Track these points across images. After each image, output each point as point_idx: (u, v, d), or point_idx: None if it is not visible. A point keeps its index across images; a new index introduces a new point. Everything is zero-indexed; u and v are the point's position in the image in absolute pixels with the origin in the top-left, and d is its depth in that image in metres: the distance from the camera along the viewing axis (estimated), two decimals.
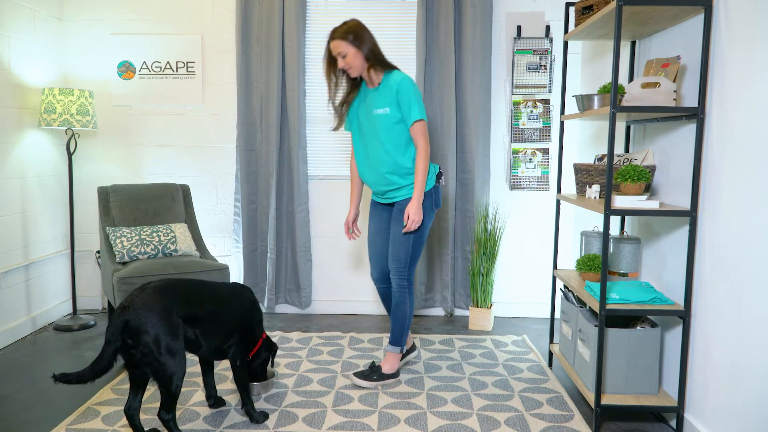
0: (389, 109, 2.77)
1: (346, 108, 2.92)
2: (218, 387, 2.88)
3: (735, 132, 2.16)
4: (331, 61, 2.81)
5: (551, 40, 4.00)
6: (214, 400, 2.65)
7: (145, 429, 2.32)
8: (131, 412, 2.25)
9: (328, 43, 2.77)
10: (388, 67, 2.82)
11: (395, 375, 2.95)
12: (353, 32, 2.73)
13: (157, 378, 2.15)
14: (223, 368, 3.12)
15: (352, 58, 2.73)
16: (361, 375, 2.90)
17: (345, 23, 2.78)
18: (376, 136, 2.82)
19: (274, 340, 3.56)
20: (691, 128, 2.46)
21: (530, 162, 4.06)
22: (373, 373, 2.91)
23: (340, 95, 2.95)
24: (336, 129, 2.98)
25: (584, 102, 2.73)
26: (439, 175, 2.90)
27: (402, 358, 3.15)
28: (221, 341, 2.42)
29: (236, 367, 2.49)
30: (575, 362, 2.85)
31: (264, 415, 2.54)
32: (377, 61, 2.78)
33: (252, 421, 2.50)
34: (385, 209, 3.01)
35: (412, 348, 3.23)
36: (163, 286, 2.24)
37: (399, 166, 2.81)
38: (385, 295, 3.11)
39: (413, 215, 2.73)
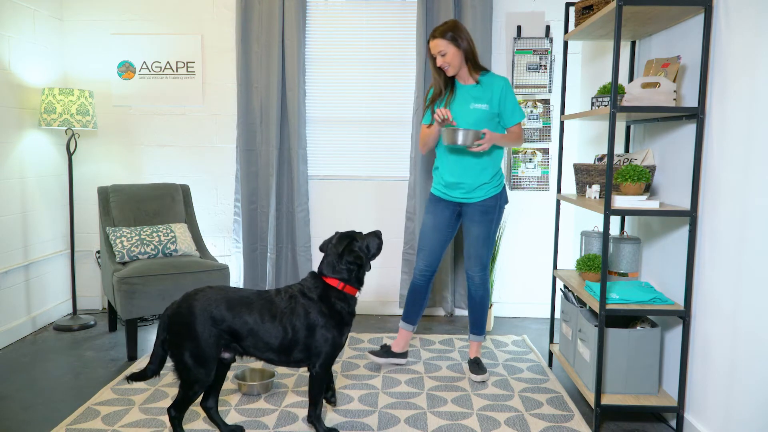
0: (488, 106, 2.88)
1: (446, 105, 2.92)
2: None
3: (735, 132, 2.16)
4: (433, 58, 2.89)
5: (551, 40, 4.00)
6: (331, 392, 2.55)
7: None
8: (208, 405, 2.36)
9: (428, 42, 2.86)
10: (481, 66, 2.94)
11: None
12: (453, 30, 2.82)
13: (180, 378, 2.17)
14: None
15: (451, 57, 2.83)
16: (481, 371, 3.01)
17: (445, 22, 2.88)
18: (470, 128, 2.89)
19: None
20: (691, 128, 2.46)
21: (530, 162, 4.06)
22: (477, 364, 3.05)
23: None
24: (430, 125, 2.96)
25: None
26: None
27: (391, 357, 3.17)
28: (279, 357, 2.28)
29: (310, 376, 2.34)
30: (575, 362, 2.85)
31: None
32: (473, 61, 2.89)
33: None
34: (447, 207, 3.02)
35: (405, 354, 3.22)
36: (214, 294, 2.22)
37: (488, 165, 2.93)
38: (420, 289, 3.13)
39: (489, 140, 2.77)
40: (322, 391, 2.36)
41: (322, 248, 2.50)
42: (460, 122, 2.88)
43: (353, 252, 2.37)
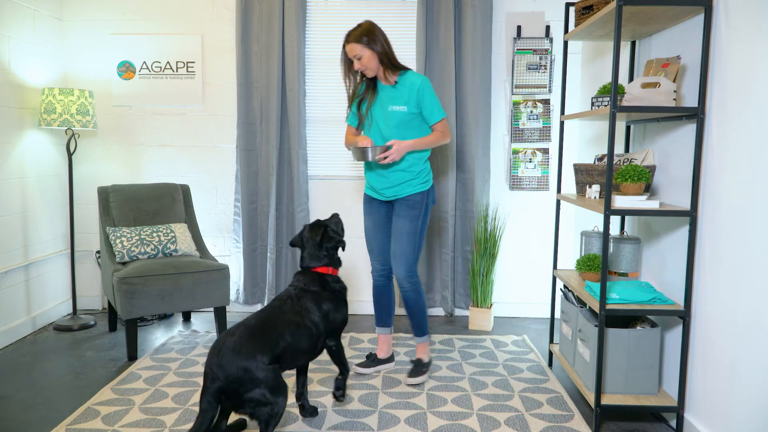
0: (406, 107, 2.85)
1: (367, 108, 2.96)
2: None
3: (735, 132, 2.16)
4: (348, 62, 2.88)
5: (551, 40, 4.00)
6: (303, 402, 2.57)
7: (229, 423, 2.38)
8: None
9: (344, 45, 2.85)
10: (400, 67, 2.91)
11: (431, 361, 3.14)
12: (367, 34, 2.80)
13: (268, 420, 2.14)
14: None
15: (367, 60, 2.82)
16: (415, 374, 2.98)
17: (359, 25, 2.85)
18: (390, 131, 2.88)
19: None
20: (691, 128, 2.46)
21: (530, 162, 4.06)
22: (420, 367, 3.01)
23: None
24: (358, 127, 3.03)
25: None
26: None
27: (378, 364, 3.13)
28: (309, 356, 2.41)
29: (331, 351, 2.51)
30: (575, 362, 2.85)
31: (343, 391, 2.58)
32: (390, 62, 2.86)
33: (337, 395, 2.57)
34: (381, 205, 3.04)
35: (391, 358, 3.19)
36: (245, 340, 2.15)
37: (408, 166, 2.89)
38: (381, 290, 3.12)
39: (397, 150, 2.76)
40: (344, 354, 2.55)
41: (293, 243, 2.59)
42: (381, 124, 2.90)
43: (331, 238, 2.54)
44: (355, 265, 4.21)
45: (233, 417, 2.56)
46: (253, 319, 2.28)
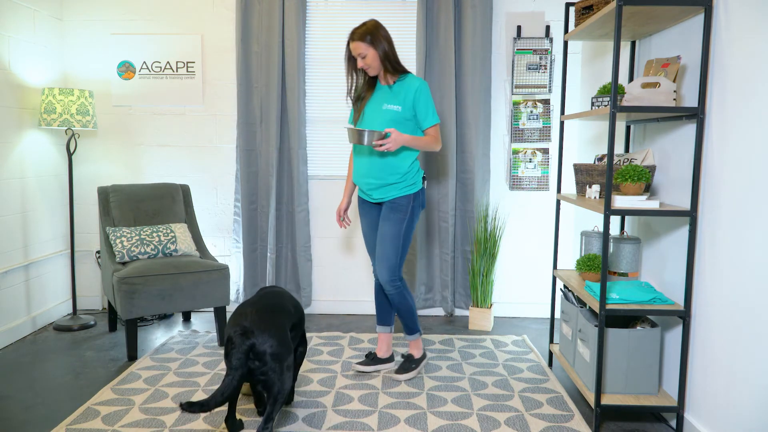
0: (401, 108, 2.86)
1: (362, 104, 2.98)
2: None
3: (735, 132, 2.16)
4: (351, 60, 2.91)
5: (551, 40, 4.00)
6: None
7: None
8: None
9: (348, 43, 2.87)
10: (402, 70, 2.92)
11: (424, 356, 3.16)
12: (371, 33, 2.83)
13: (275, 392, 2.17)
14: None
15: (371, 59, 2.84)
16: (401, 371, 3.01)
17: (364, 24, 2.87)
18: (379, 128, 2.85)
19: None
20: (691, 128, 2.46)
21: (530, 162, 4.06)
22: (410, 364, 3.05)
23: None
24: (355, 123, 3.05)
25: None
26: (423, 178, 3.03)
27: (377, 363, 3.13)
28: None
29: (300, 354, 2.61)
30: (575, 362, 2.85)
31: None
32: (391, 63, 2.88)
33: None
34: (372, 207, 3.05)
35: (391, 358, 3.18)
36: (271, 307, 2.29)
37: (394, 164, 2.88)
38: (382, 289, 3.13)
39: (394, 140, 2.73)
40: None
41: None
42: (372, 121, 2.90)
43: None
44: (356, 264, 4.21)
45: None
46: (257, 303, 2.34)
